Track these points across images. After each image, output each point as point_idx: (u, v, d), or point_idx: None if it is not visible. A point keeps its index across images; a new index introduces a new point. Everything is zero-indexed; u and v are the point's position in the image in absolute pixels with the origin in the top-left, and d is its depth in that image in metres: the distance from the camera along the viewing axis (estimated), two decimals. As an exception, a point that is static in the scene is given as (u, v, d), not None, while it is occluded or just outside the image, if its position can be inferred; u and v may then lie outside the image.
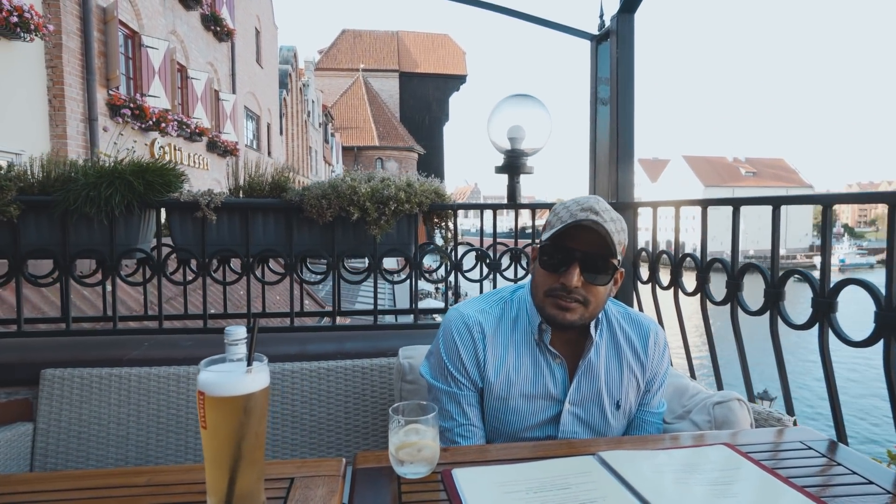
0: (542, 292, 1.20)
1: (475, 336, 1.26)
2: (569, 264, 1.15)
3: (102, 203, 1.88)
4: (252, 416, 0.82)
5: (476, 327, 1.26)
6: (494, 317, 1.29)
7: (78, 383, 1.80)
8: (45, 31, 7.05)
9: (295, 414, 1.92)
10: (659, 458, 1.06)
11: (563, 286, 1.16)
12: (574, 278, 1.14)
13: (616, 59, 2.29)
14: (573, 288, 1.15)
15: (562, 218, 1.18)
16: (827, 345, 1.28)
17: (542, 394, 1.26)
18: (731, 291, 1.54)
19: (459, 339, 1.26)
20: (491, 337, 1.26)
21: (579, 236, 1.15)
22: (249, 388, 0.81)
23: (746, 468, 1.02)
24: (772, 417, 1.40)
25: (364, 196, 2.02)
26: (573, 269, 1.14)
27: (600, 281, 1.17)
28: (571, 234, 1.15)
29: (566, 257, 1.16)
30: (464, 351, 1.26)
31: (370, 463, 1.08)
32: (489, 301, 1.32)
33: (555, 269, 1.17)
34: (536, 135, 2.23)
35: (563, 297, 1.17)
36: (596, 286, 1.17)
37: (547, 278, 1.19)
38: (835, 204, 1.22)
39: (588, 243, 1.15)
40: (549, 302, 1.19)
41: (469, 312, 1.28)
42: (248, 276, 2.10)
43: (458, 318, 1.28)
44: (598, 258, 1.16)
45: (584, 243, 1.15)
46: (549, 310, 1.19)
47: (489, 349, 1.26)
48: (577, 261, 1.15)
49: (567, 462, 1.05)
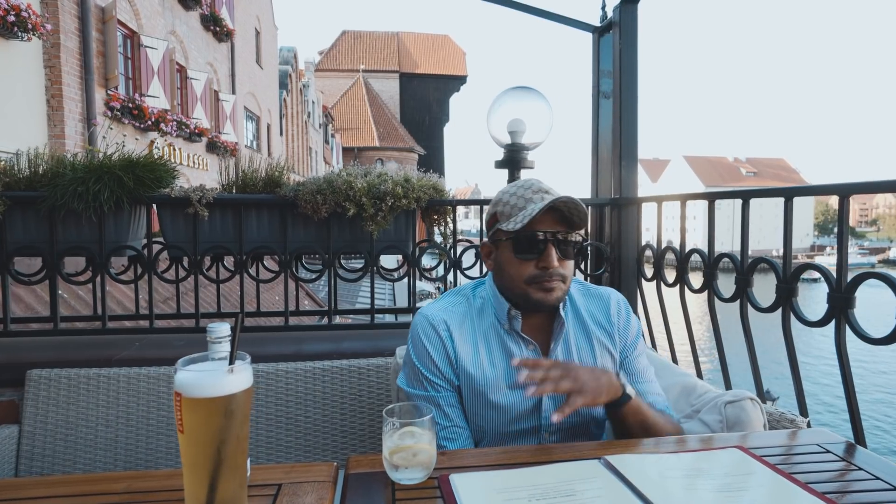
0: (521, 281, 1.21)
1: (441, 334, 1.25)
2: (544, 247, 1.18)
3: (90, 199, 1.83)
4: (233, 419, 0.76)
5: (441, 325, 1.26)
6: (458, 313, 1.28)
7: (65, 384, 1.74)
8: (43, 30, 7.01)
9: (289, 416, 1.87)
10: (668, 461, 1.00)
11: (544, 269, 1.18)
12: (554, 259, 1.17)
13: (619, 50, 2.23)
14: (554, 268, 1.18)
15: (517, 206, 1.20)
16: (844, 343, 1.22)
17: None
18: (740, 287, 1.48)
19: (427, 340, 1.25)
20: (458, 333, 1.26)
21: (545, 219, 1.18)
22: (231, 388, 0.76)
23: (761, 472, 0.96)
24: (785, 419, 1.34)
25: (360, 191, 1.96)
26: (551, 251, 1.17)
27: (572, 256, 1.22)
28: (536, 218, 1.17)
29: (540, 241, 1.18)
30: (433, 350, 1.24)
31: (363, 468, 1.02)
32: (451, 299, 1.32)
33: (531, 255, 1.19)
34: (537, 128, 2.17)
35: (546, 279, 1.18)
36: (569, 261, 1.22)
37: (524, 266, 1.20)
38: (852, 194, 1.17)
39: (555, 223, 1.19)
40: (533, 288, 1.20)
41: (432, 312, 1.28)
42: (241, 274, 2.04)
43: (422, 319, 1.28)
44: (567, 235, 1.20)
45: (550, 224, 1.18)
46: (535, 295, 1.20)
47: (458, 345, 1.25)
48: (551, 242, 1.18)
49: (572, 466, 0.99)
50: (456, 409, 1.24)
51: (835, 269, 1.23)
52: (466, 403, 1.25)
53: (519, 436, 1.24)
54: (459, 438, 1.23)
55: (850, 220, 1.26)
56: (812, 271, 1.30)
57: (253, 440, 1.85)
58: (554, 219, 1.18)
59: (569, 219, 1.19)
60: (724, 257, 1.59)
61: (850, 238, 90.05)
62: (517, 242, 1.19)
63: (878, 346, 1.12)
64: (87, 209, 1.84)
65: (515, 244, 1.19)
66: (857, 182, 1.15)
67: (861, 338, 1.15)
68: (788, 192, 1.31)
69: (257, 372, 1.86)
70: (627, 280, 2.18)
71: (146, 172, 1.92)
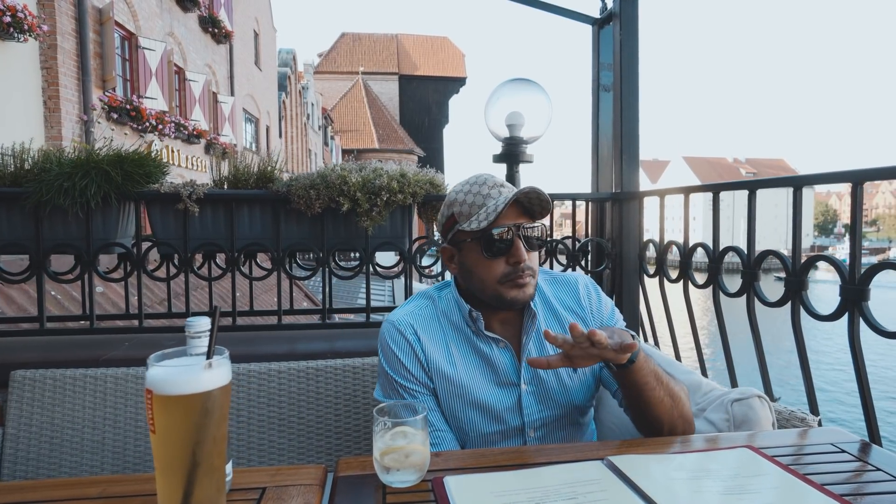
0: (493, 282, 1.16)
1: (409, 338, 1.21)
2: (511, 243, 1.14)
3: (77, 194, 1.78)
4: (210, 418, 0.71)
5: (408, 329, 1.22)
6: (425, 316, 1.24)
7: (50, 385, 1.69)
8: (40, 31, 6.97)
9: (282, 417, 1.81)
10: (674, 461, 0.95)
11: (516, 265, 1.13)
12: (524, 253, 1.13)
13: (619, 42, 2.18)
14: (525, 263, 1.13)
15: (476, 203, 1.15)
16: (858, 337, 1.17)
17: (494, 382, 1.20)
18: (747, 281, 1.43)
19: (395, 345, 1.21)
20: (426, 336, 1.21)
21: (508, 212, 1.14)
22: (207, 385, 0.71)
23: (773, 473, 0.91)
24: (794, 417, 1.29)
25: (355, 186, 1.91)
26: (520, 245, 1.13)
27: (539, 247, 1.19)
28: (502, 213, 1.13)
29: (507, 237, 1.14)
30: (403, 355, 1.20)
31: (353, 470, 0.97)
32: (417, 302, 1.28)
33: (501, 254, 1.15)
34: (536, 122, 2.12)
35: (519, 276, 1.14)
36: (535, 253, 1.18)
37: (495, 266, 1.15)
38: (865, 181, 1.11)
39: (516, 215, 1.15)
40: (506, 287, 1.16)
41: (397, 317, 1.24)
42: (233, 272, 1.99)
43: (389, 326, 1.24)
44: (533, 226, 1.16)
45: (513, 217, 1.14)
46: (509, 294, 1.15)
47: (428, 348, 1.20)
48: (518, 236, 1.14)
49: (573, 468, 0.94)
50: (435, 413, 1.20)
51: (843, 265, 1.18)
52: (445, 407, 1.21)
53: (502, 436, 1.20)
54: (444, 443, 1.19)
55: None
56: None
57: (244, 442, 1.80)
58: (517, 212, 1.15)
59: (530, 210, 1.16)
60: (730, 250, 1.54)
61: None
62: (484, 241, 1.14)
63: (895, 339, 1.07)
64: (74, 205, 1.79)
65: (483, 243, 1.14)
66: (870, 168, 1.09)
67: (876, 331, 1.10)
68: (797, 181, 1.26)
69: (249, 372, 1.81)
70: (629, 276, 2.13)
71: (135, 168, 1.87)
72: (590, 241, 2.23)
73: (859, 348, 1.17)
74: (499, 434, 1.21)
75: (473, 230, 1.14)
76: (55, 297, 3.83)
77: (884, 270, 1.08)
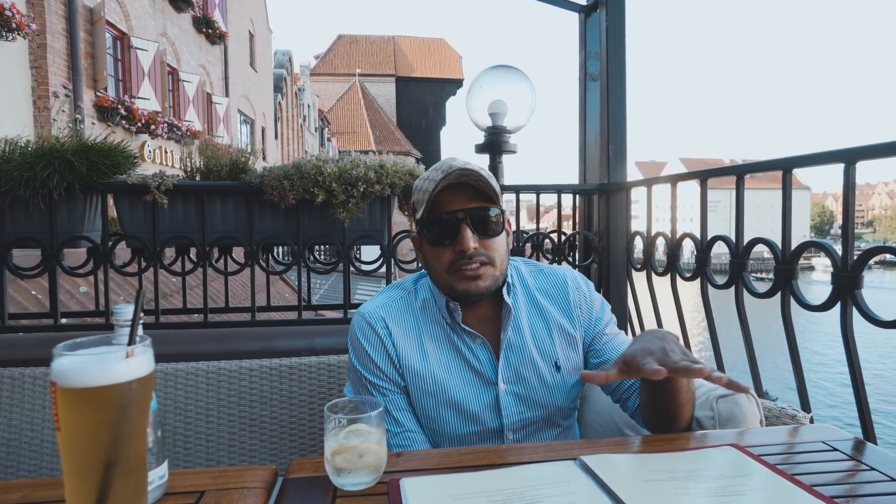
0: (443, 271, 1.09)
1: (380, 332, 1.13)
2: (456, 228, 1.06)
3: (38, 185, 1.70)
4: (127, 413, 0.63)
5: (378, 322, 1.14)
6: (399, 308, 1.16)
7: (8, 385, 1.61)
8: (28, 30, 6.88)
9: (253, 416, 1.73)
10: (653, 462, 0.87)
11: (461, 253, 1.05)
12: (469, 241, 1.05)
13: (606, 30, 2.11)
14: (472, 250, 1.05)
15: (427, 189, 1.07)
16: (851, 328, 1.09)
17: (470, 381, 1.12)
18: (735, 272, 1.36)
19: (365, 340, 1.14)
20: (399, 330, 1.14)
21: (454, 197, 1.07)
22: (122, 376, 0.63)
23: (759, 473, 0.83)
24: (784, 414, 1.22)
25: (330, 176, 1.84)
26: (464, 232, 1.05)
27: (493, 232, 1.09)
28: (445, 199, 1.07)
29: (451, 223, 1.07)
30: (372, 351, 1.12)
31: (305, 472, 0.90)
32: (391, 294, 1.20)
33: (444, 241, 1.08)
34: (519, 111, 2.05)
35: (467, 265, 1.06)
36: (492, 239, 1.09)
37: (441, 255, 1.08)
38: (858, 160, 1.04)
39: (465, 200, 1.07)
40: (455, 278, 1.08)
41: (369, 310, 1.16)
42: (204, 266, 1.91)
43: (359, 319, 1.16)
44: (482, 210, 1.08)
45: (461, 202, 1.07)
46: (460, 285, 1.08)
47: (400, 343, 1.13)
48: (463, 221, 1.06)
49: (543, 468, 0.86)
50: (406, 412, 1.13)
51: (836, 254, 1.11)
52: (417, 406, 1.13)
53: (479, 437, 1.13)
54: (414, 444, 1.11)
55: (855, 191, 1.13)
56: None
57: (214, 443, 1.72)
58: (467, 196, 1.07)
59: (483, 192, 1.07)
60: (717, 240, 1.46)
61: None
62: (427, 230, 1.08)
63: (890, 329, 1.00)
64: (35, 196, 1.71)
65: (426, 231, 1.09)
66: (863, 146, 1.02)
67: (870, 321, 1.03)
68: (786, 164, 1.19)
69: (219, 370, 1.74)
70: (617, 270, 2.06)
71: (101, 158, 1.79)
72: (576, 234, 2.16)
73: (852, 339, 1.10)
74: (475, 435, 1.13)
75: (422, 219, 1.08)
76: (35, 295, 3.74)
77: (880, 255, 1.01)
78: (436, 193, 1.05)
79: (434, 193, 1.05)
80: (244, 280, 2.99)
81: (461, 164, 1.07)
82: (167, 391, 1.70)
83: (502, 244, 1.10)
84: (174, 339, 1.90)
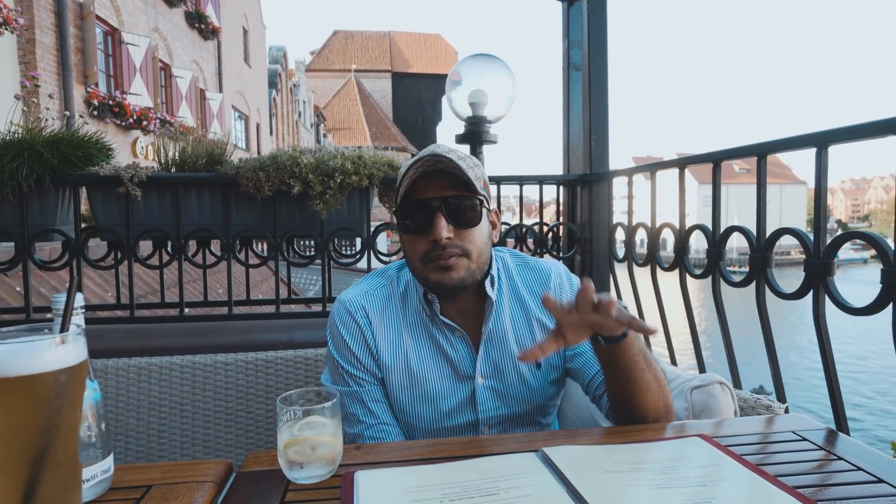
0: (417, 261, 1.05)
1: (360, 321, 1.10)
2: (431, 217, 1.01)
3: (6, 177, 1.67)
4: (52, 405, 0.61)
5: (359, 312, 1.11)
6: (381, 297, 1.13)
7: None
8: (16, 24, 6.82)
9: (229, 411, 1.71)
10: (615, 453, 0.85)
11: (434, 243, 1.01)
12: (442, 230, 1.00)
13: (588, 19, 2.08)
14: (446, 241, 1.00)
15: (408, 175, 1.03)
16: (823, 316, 1.07)
17: (447, 374, 1.09)
18: (712, 261, 1.33)
19: (344, 329, 1.11)
20: (378, 320, 1.10)
21: (431, 185, 1.02)
22: (47, 365, 0.60)
23: (723, 464, 0.81)
24: (760, 405, 1.19)
25: (307, 167, 1.81)
26: (438, 220, 1.00)
27: (471, 221, 1.03)
28: (422, 186, 1.03)
29: (425, 211, 1.02)
30: (351, 340, 1.10)
31: (261, 465, 0.87)
32: (373, 282, 1.17)
33: (420, 230, 1.03)
34: (500, 101, 2.02)
35: (440, 255, 1.01)
36: (469, 230, 1.03)
37: (416, 243, 1.04)
38: (830, 144, 1.01)
39: (442, 188, 1.02)
40: (429, 268, 1.04)
41: (350, 298, 1.13)
42: (179, 259, 1.88)
43: (339, 306, 1.13)
44: (459, 199, 1.02)
45: (437, 189, 1.02)
46: (433, 276, 1.04)
47: (379, 334, 1.10)
48: (438, 210, 1.01)
49: (501, 461, 0.84)
50: (382, 404, 1.10)
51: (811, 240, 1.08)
52: (393, 398, 1.11)
53: (453, 432, 1.10)
54: (388, 437, 1.09)
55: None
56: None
57: (189, 437, 1.70)
58: (444, 184, 1.02)
59: (462, 181, 1.01)
60: (695, 229, 1.44)
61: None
62: (402, 216, 1.04)
63: (861, 316, 0.98)
64: (4, 188, 1.68)
65: (401, 218, 1.05)
66: (837, 128, 0.99)
67: (842, 308, 1.00)
68: (760, 150, 1.16)
69: (193, 364, 1.71)
70: (599, 262, 2.03)
71: (72, 150, 1.76)
72: (557, 224, 2.13)
73: (825, 327, 1.07)
74: (450, 430, 1.11)
75: (398, 206, 1.05)
76: (14, 287, 3.70)
77: (850, 241, 0.99)
78: (414, 180, 1.02)
79: (409, 180, 1.01)
80: (236, 275, 2.97)
81: (443, 150, 1.02)
82: (140, 386, 1.68)
83: (481, 236, 1.05)
84: (149, 334, 1.87)
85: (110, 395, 1.66)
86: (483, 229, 1.06)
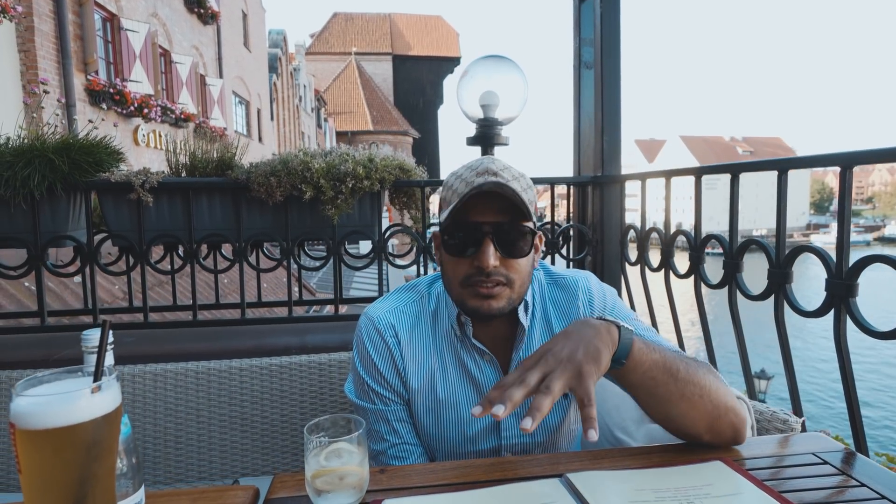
0: (457, 283, 1.00)
1: (388, 341, 1.07)
2: (479, 242, 0.96)
3: (19, 185, 1.66)
4: (93, 452, 0.61)
5: (388, 331, 1.07)
6: (410, 315, 1.09)
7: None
8: (14, 12, 6.74)
9: (244, 416, 1.73)
10: (637, 478, 0.86)
11: (479, 269, 0.96)
12: (490, 258, 0.95)
13: (600, 16, 2.05)
14: (492, 269, 0.95)
15: (458, 190, 0.98)
16: (844, 336, 1.07)
17: (473, 399, 1.07)
18: (728, 272, 1.33)
19: (372, 348, 1.07)
20: (407, 340, 1.07)
21: (483, 206, 0.96)
22: (86, 414, 0.61)
23: (747, 493, 0.82)
24: (776, 418, 1.20)
25: (318, 172, 1.80)
26: (486, 247, 0.95)
27: (519, 253, 0.98)
28: (474, 205, 0.96)
29: (474, 235, 0.96)
30: (379, 360, 1.07)
31: (287, 491, 0.88)
32: (403, 298, 1.12)
33: (464, 252, 0.97)
34: (511, 102, 2.00)
35: (482, 282, 0.96)
36: (516, 260, 0.98)
37: (458, 265, 0.99)
38: (855, 165, 1.01)
39: (495, 212, 0.96)
40: (468, 293, 0.99)
41: (379, 315, 1.09)
42: (192, 264, 1.88)
43: (368, 323, 1.09)
44: (511, 227, 0.96)
45: (490, 213, 0.96)
46: (471, 302, 0.99)
47: (407, 355, 1.07)
48: (487, 236, 0.95)
49: (526, 487, 0.85)
50: (406, 423, 1.09)
51: (834, 251, 1.08)
52: (417, 420, 1.09)
53: (476, 455, 1.10)
54: (411, 457, 1.08)
55: (852, 195, 1.10)
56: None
57: (205, 443, 1.72)
58: (497, 207, 0.96)
59: (517, 207, 0.96)
60: (711, 238, 1.44)
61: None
62: (448, 235, 0.98)
63: (886, 340, 0.98)
64: (16, 196, 1.68)
65: (447, 237, 0.99)
66: (860, 151, 0.99)
67: (865, 331, 1.00)
68: (782, 165, 1.15)
69: (208, 370, 1.72)
70: (610, 264, 2.03)
71: (83, 156, 1.76)
72: (569, 226, 2.13)
73: (845, 348, 1.08)
74: (472, 454, 1.10)
75: (445, 223, 0.99)
76: (30, 287, 3.72)
77: (874, 264, 0.98)
78: (465, 199, 0.95)
79: (463, 198, 0.95)
80: (247, 278, 2.92)
81: (498, 167, 0.98)
82: (157, 392, 1.69)
83: (526, 265, 1.00)
84: (163, 339, 1.88)
85: (127, 401, 1.67)
86: (529, 259, 1.02)
